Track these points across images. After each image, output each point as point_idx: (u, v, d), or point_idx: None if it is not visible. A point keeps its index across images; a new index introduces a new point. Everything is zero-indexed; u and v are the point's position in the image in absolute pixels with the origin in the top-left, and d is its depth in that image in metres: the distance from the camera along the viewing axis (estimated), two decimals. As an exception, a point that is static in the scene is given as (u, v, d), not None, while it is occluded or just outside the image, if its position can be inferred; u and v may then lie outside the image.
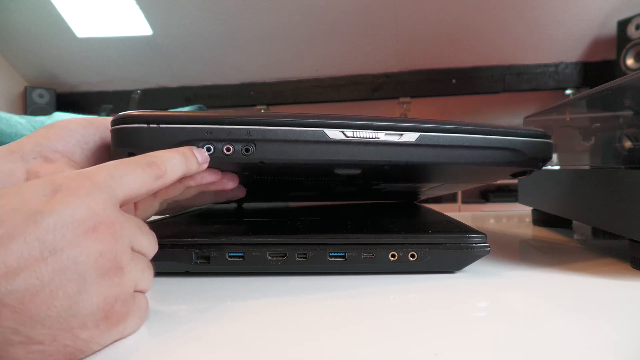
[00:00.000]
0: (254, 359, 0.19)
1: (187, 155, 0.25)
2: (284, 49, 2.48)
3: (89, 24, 2.46)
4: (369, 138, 0.27)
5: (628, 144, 0.34)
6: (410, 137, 0.27)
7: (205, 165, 0.27)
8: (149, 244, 0.22)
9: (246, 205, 0.50)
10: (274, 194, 0.46)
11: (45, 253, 0.16)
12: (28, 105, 2.68)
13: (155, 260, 0.30)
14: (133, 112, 0.26)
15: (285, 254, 0.30)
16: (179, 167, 0.25)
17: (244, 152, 0.26)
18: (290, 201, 0.53)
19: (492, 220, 0.63)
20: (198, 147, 0.26)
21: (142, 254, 0.22)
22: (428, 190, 0.47)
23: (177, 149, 0.25)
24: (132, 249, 0.21)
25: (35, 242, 0.16)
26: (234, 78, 2.68)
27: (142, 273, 0.21)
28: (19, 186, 0.18)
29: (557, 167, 0.48)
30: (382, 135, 0.27)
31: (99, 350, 0.19)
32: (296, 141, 0.26)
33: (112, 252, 0.19)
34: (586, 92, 0.42)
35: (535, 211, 0.55)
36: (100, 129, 0.31)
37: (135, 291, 0.21)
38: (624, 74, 1.69)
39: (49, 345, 0.17)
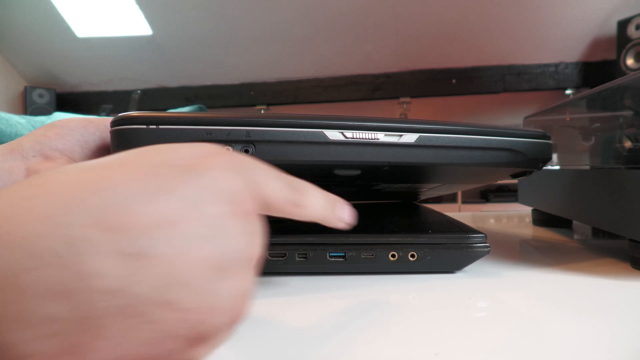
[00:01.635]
0: (253, 359, 0.19)
1: (335, 205, 0.22)
2: (284, 49, 2.48)
3: (89, 24, 2.46)
4: (369, 139, 0.27)
5: (628, 144, 0.34)
6: (410, 137, 0.27)
7: (345, 225, 0.22)
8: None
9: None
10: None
11: (196, 214, 0.14)
12: (28, 105, 2.67)
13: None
14: (132, 114, 0.26)
15: (285, 254, 0.30)
16: (321, 209, 0.21)
17: (243, 152, 0.26)
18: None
19: (492, 220, 0.63)
20: None
21: None
22: (428, 190, 0.47)
23: (325, 192, 0.22)
24: None
25: (187, 199, 0.14)
26: (234, 78, 2.68)
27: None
28: (170, 145, 0.17)
29: (557, 167, 0.48)
30: (381, 136, 0.27)
31: (214, 343, 0.15)
32: (295, 142, 0.26)
33: (256, 234, 0.16)
34: (586, 92, 0.42)
35: (535, 211, 0.55)
36: (100, 129, 0.31)
37: None
38: (624, 74, 1.69)
39: (190, 315, 0.14)
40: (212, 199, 0.15)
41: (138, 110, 0.27)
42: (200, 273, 0.14)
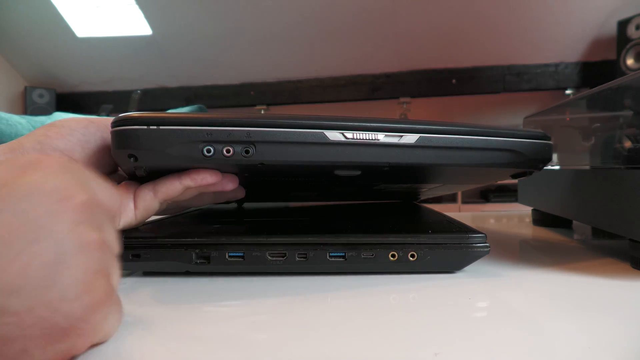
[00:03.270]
0: (253, 359, 0.19)
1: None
2: (284, 49, 2.48)
3: (89, 24, 2.46)
4: (369, 140, 0.27)
5: (628, 144, 0.34)
6: (410, 138, 0.27)
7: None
8: (117, 239, 0.21)
9: (246, 205, 0.50)
10: (274, 194, 0.46)
11: (19, 222, 0.16)
12: (28, 105, 2.68)
13: (155, 260, 0.30)
14: (133, 114, 0.26)
15: (285, 254, 0.30)
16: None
17: (244, 153, 0.26)
18: (290, 201, 0.53)
19: (492, 220, 0.63)
20: (198, 148, 0.26)
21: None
22: (428, 190, 0.47)
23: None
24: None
25: (8, 212, 0.16)
26: (234, 78, 2.68)
27: (114, 262, 0.20)
28: None
29: (557, 167, 0.48)
30: (382, 137, 0.27)
31: (80, 331, 0.17)
32: (296, 143, 0.26)
33: (90, 223, 0.18)
34: (586, 92, 0.42)
35: (535, 211, 0.55)
36: (101, 129, 0.31)
37: None
38: (624, 74, 1.69)
39: (25, 317, 0.16)
40: (34, 204, 0.17)
41: (138, 111, 0.27)
42: (33, 274, 0.16)
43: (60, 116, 1.42)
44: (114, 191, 0.22)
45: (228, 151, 0.26)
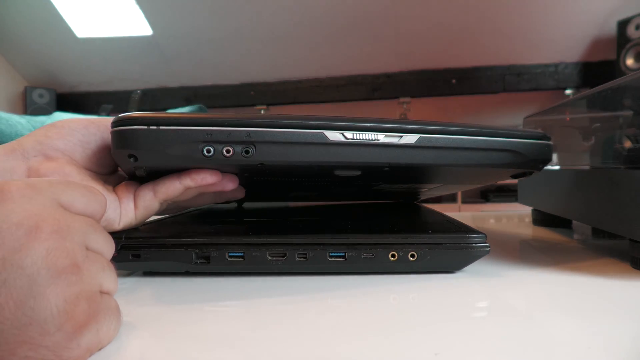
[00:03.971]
0: (253, 359, 0.19)
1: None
2: (284, 49, 2.48)
3: (89, 24, 2.46)
4: (369, 140, 0.27)
5: (628, 144, 0.34)
6: (410, 139, 0.27)
7: None
8: (105, 242, 0.21)
9: (246, 205, 0.50)
10: (274, 194, 0.46)
11: None
12: (28, 105, 2.68)
13: (155, 260, 0.30)
14: (133, 114, 0.26)
15: (285, 254, 0.30)
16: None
17: (243, 154, 0.26)
18: (290, 201, 0.53)
19: (492, 220, 0.63)
20: (198, 148, 0.26)
21: (99, 253, 0.20)
22: (428, 190, 0.47)
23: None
24: (87, 248, 0.19)
25: None
26: (234, 78, 2.68)
27: (103, 271, 0.19)
28: None
29: (557, 167, 0.48)
30: (381, 137, 0.27)
31: (73, 358, 0.17)
32: (296, 143, 0.26)
33: (61, 249, 0.17)
34: (586, 92, 0.42)
35: (535, 211, 0.55)
36: (102, 129, 0.31)
37: (101, 292, 0.19)
38: (624, 74, 1.69)
39: None
40: (1, 242, 0.16)
41: (138, 110, 0.27)
42: (7, 315, 0.15)
43: (60, 116, 1.42)
44: (95, 192, 0.21)
45: (228, 151, 0.26)
